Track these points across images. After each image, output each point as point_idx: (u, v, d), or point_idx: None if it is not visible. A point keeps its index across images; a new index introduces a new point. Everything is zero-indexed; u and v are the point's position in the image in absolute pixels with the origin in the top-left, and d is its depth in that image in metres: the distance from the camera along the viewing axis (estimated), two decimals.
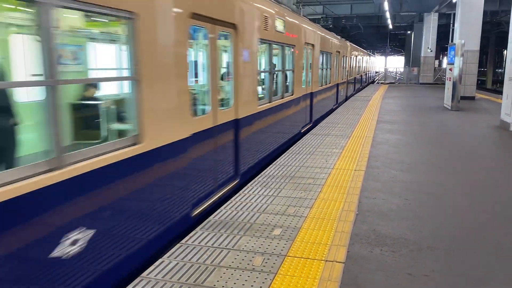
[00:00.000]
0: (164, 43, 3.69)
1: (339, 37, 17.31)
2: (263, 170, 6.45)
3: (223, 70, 5.77)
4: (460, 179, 6.04)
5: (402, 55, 60.81)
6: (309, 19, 14.56)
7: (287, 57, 8.69)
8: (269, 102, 7.32)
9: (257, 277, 3.11)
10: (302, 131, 10.10)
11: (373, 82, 40.73)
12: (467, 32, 17.36)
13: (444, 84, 18.37)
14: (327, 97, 14.20)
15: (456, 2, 19.02)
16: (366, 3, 27.54)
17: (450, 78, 14.96)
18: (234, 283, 3.02)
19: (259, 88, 7.27)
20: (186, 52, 4.10)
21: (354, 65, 22.86)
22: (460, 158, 7.38)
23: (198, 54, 5.17)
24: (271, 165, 6.50)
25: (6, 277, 2.30)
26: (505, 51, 51.84)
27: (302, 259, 3.41)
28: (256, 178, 5.78)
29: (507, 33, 11.47)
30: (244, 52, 5.79)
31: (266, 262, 3.34)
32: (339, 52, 16.21)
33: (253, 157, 6.42)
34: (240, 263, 3.33)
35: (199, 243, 3.69)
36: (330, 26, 29.21)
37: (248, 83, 6.09)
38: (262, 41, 6.74)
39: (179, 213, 4.06)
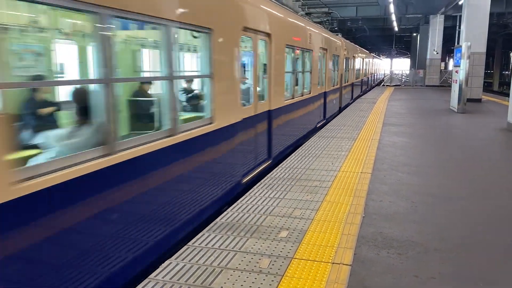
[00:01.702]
0: None
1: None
2: None
3: None
4: (467, 181, 6.02)
5: (408, 57, 60.65)
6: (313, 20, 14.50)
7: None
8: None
9: (264, 279, 3.12)
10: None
11: (379, 83, 40.60)
12: (474, 34, 17.28)
13: (450, 86, 18.29)
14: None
15: (462, 4, 18.95)
16: (372, 6, 27.54)
17: (456, 80, 14.91)
18: (241, 285, 3.03)
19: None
20: None
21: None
22: (467, 161, 7.34)
23: None
24: (277, 167, 6.51)
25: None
26: None
27: (309, 261, 3.42)
28: (262, 180, 5.80)
29: None
30: None
31: (273, 264, 3.35)
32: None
33: None
34: (247, 265, 3.35)
35: (206, 245, 3.71)
36: (336, 28, 29.24)
37: None
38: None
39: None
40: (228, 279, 3.12)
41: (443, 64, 47.76)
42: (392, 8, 23.56)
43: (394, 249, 3.72)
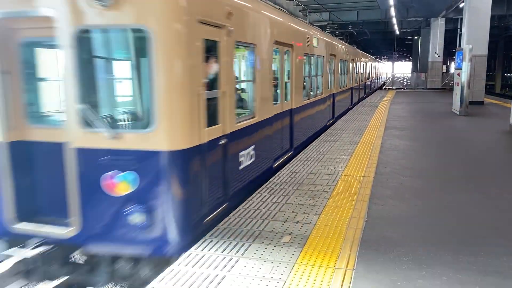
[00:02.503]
0: None
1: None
2: None
3: None
4: (469, 184, 6.00)
5: (409, 60, 60.68)
6: (315, 25, 14.63)
7: None
8: None
9: (266, 285, 3.11)
10: None
11: (381, 86, 40.56)
12: (475, 36, 17.25)
13: (452, 89, 18.27)
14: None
15: (463, 7, 18.95)
16: (373, 9, 27.61)
17: (458, 83, 14.88)
18: None
19: None
20: None
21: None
22: (469, 164, 7.32)
23: None
24: (279, 172, 6.51)
25: None
26: None
27: (312, 266, 3.41)
28: (264, 185, 5.79)
29: None
30: None
31: (275, 270, 3.34)
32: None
33: None
34: (249, 270, 3.34)
35: (208, 250, 3.71)
36: (337, 32, 29.33)
37: None
38: None
39: None
40: (230, 285, 3.12)
41: (444, 67, 47.73)
42: (393, 11, 23.59)
43: (397, 253, 3.71)
